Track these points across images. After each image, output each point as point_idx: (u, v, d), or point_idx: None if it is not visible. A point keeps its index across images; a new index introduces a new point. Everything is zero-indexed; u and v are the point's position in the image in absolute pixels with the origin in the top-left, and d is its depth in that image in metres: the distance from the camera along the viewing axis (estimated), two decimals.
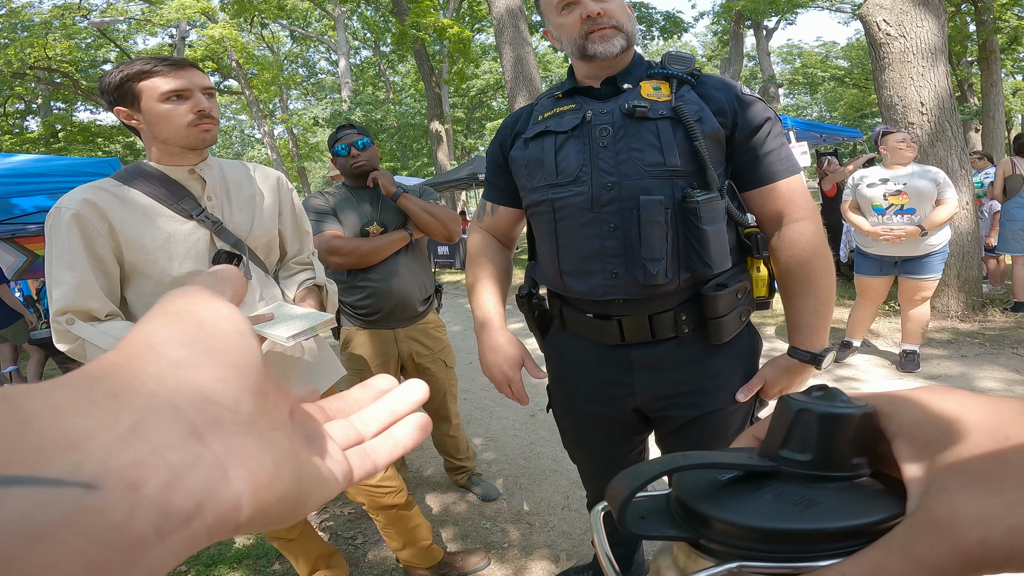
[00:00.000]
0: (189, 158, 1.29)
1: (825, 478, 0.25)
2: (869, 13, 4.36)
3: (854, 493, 0.24)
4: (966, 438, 0.22)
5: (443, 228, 2.06)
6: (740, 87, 1.11)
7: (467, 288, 1.35)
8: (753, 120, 1.08)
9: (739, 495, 0.25)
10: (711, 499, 0.25)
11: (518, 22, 7.31)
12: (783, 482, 0.25)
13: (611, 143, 1.08)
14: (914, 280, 3.28)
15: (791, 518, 0.23)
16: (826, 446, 0.25)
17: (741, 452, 0.28)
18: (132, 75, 1.20)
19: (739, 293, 1.11)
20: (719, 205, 1.04)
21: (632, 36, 1.13)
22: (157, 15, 16.81)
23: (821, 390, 0.27)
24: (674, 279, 1.07)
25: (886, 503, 0.24)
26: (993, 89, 13.78)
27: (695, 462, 0.26)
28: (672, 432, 1.22)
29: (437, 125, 16.40)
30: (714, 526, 0.24)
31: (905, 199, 3.19)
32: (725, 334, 1.10)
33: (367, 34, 23.67)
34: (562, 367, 1.28)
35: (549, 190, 1.14)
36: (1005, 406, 0.23)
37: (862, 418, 0.25)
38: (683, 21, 18.91)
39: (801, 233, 1.09)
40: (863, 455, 0.25)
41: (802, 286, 1.10)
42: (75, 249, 1.17)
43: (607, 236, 1.08)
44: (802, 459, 0.25)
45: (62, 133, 17.96)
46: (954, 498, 0.21)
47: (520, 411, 3.42)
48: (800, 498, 0.24)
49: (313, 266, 1.52)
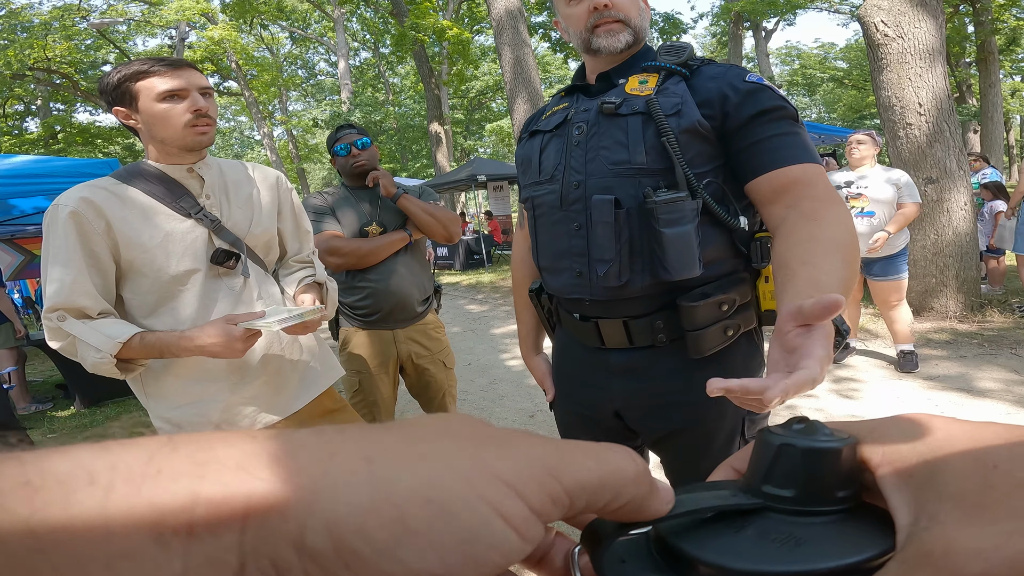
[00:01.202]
0: (187, 157, 1.29)
1: (811, 512, 0.24)
2: (867, 14, 4.37)
3: (841, 528, 0.24)
4: (952, 466, 0.22)
5: (443, 229, 2.06)
6: (745, 74, 1.01)
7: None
8: (754, 107, 0.97)
9: (722, 534, 0.24)
10: (693, 539, 0.24)
11: (517, 23, 7.32)
12: (767, 518, 0.25)
13: (583, 141, 1.07)
14: (882, 282, 3.35)
15: (778, 559, 0.22)
16: (810, 481, 0.24)
17: (722, 489, 0.27)
18: (130, 75, 1.20)
19: (725, 304, 1.02)
20: (684, 206, 0.96)
21: (641, 31, 1.08)
22: (157, 16, 16.84)
23: (802, 422, 0.26)
24: (635, 283, 1.02)
25: (875, 538, 0.23)
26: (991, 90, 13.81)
27: (676, 512, 0.24)
28: (654, 444, 1.18)
29: (436, 126, 16.41)
30: (699, 570, 0.23)
31: (865, 202, 3.25)
32: (705, 348, 1.02)
33: (366, 35, 23.70)
34: (558, 364, 1.29)
35: (532, 188, 1.16)
36: (989, 431, 0.23)
37: (846, 451, 0.24)
38: (682, 22, 18.94)
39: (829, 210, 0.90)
40: (848, 487, 0.25)
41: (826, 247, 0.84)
42: (71, 247, 1.17)
43: (573, 235, 1.07)
44: (786, 495, 0.24)
45: (61, 134, 17.96)
46: (947, 530, 0.20)
47: (519, 412, 3.42)
48: (786, 536, 0.23)
49: (313, 264, 1.53)
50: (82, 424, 4.09)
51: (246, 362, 1.32)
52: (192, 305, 1.27)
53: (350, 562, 0.16)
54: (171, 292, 1.26)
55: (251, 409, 1.34)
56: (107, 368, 1.18)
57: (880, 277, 3.34)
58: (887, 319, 3.50)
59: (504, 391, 3.86)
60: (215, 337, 1.15)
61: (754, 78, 1.00)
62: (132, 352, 1.18)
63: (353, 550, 0.16)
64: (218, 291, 1.30)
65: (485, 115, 26.54)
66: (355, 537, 0.16)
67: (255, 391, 1.34)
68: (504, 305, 7.25)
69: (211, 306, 1.28)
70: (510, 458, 0.20)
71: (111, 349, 1.15)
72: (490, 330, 5.87)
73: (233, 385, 1.31)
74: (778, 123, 0.97)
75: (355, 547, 0.16)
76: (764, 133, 0.97)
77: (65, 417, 4.34)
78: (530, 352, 1.39)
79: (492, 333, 5.71)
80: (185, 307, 1.26)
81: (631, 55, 1.12)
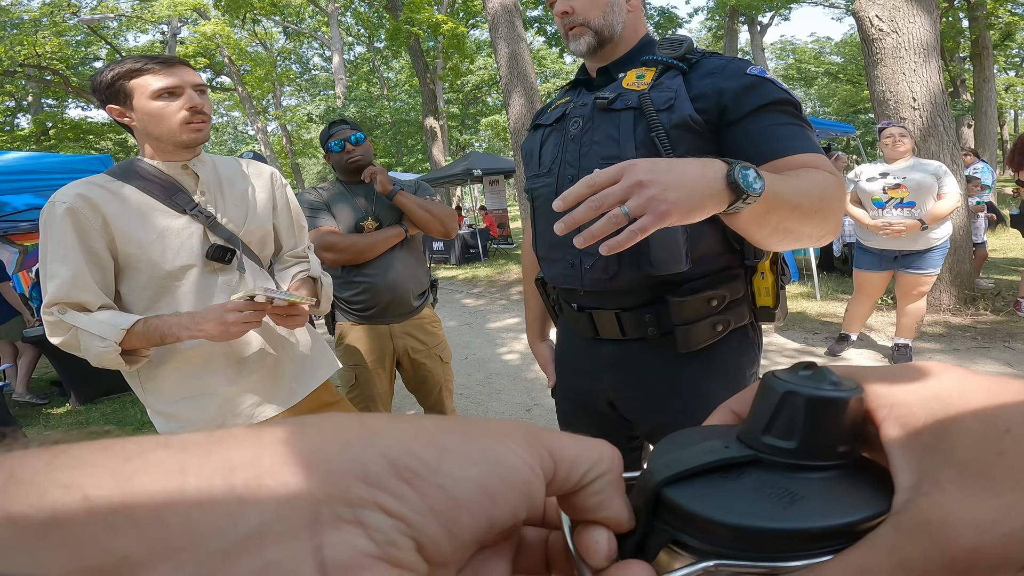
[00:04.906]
0: (182, 154, 1.30)
1: (809, 467, 0.23)
2: (862, 9, 4.37)
3: (839, 485, 0.23)
4: (963, 427, 0.20)
5: (440, 225, 2.06)
6: (747, 67, 1.00)
7: None
8: (753, 101, 0.96)
9: (717, 485, 0.23)
10: (688, 490, 0.23)
11: (513, 18, 7.29)
12: (764, 470, 0.24)
13: (578, 136, 1.08)
14: (913, 275, 3.28)
15: (772, 516, 0.21)
16: (814, 433, 0.23)
17: (717, 439, 0.26)
18: (123, 73, 1.20)
19: (714, 300, 1.03)
20: None
21: (605, 29, 1.08)
22: (148, 12, 16.66)
23: (809, 368, 0.25)
24: (623, 276, 1.03)
25: (872, 498, 0.22)
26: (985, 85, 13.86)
27: (669, 474, 0.24)
28: (649, 436, 1.21)
29: (432, 121, 16.35)
30: (694, 522, 0.22)
31: (904, 192, 3.18)
32: (694, 343, 1.04)
33: (361, 30, 23.58)
34: (559, 352, 1.31)
35: (533, 180, 1.19)
36: (1008, 390, 0.21)
37: (853, 402, 0.23)
38: (677, 17, 18.95)
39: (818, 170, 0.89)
40: (851, 441, 0.24)
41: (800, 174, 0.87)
42: (69, 243, 1.17)
43: None
44: (786, 447, 0.23)
45: (53, 131, 17.83)
46: (948, 498, 0.19)
47: (516, 406, 3.43)
48: (782, 491, 0.23)
49: (308, 259, 1.54)
50: (78, 421, 4.07)
51: (243, 356, 1.32)
52: (188, 301, 1.27)
53: (408, 478, 0.18)
54: (167, 288, 1.26)
55: (249, 403, 1.34)
56: (112, 358, 1.17)
57: (914, 270, 3.25)
58: (901, 310, 3.43)
59: (501, 385, 3.87)
60: (211, 322, 1.16)
61: (756, 70, 0.99)
62: (135, 340, 1.17)
63: (407, 466, 0.18)
64: (214, 286, 1.30)
65: (480, 110, 26.46)
66: (407, 457, 0.18)
67: (252, 385, 1.34)
68: (500, 299, 7.25)
69: (207, 301, 1.29)
70: (502, 423, 0.22)
71: (116, 336, 1.15)
72: (486, 324, 5.87)
73: (231, 379, 1.31)
74: (783, 114, 0.96)
75: (408, 464, 0.18)
76: (769, 122, 0.96)
77: (60, 414, 4.33)
78: (536, 338, 1.43)
79: (488, 327, 5.71)
80: (182, 303, 1.27)
81: (621, 50, 1.12)
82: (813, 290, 5.38)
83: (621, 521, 0.23)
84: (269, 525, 0.16)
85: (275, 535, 0.16)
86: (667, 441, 0.27)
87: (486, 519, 0.19)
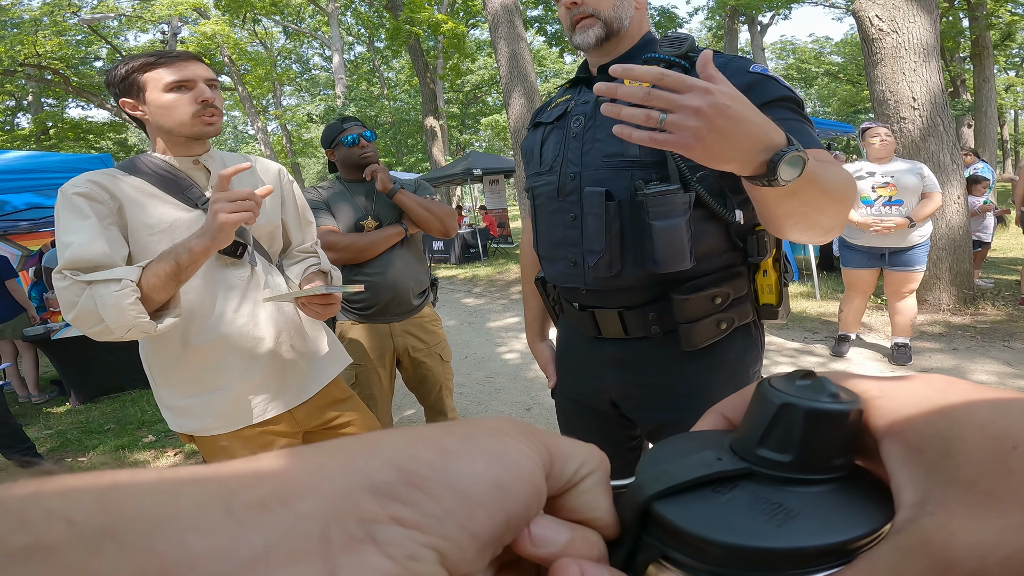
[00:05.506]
0: (193, 148, 1.31)
1: (804, 481, 0.23)
2: (862, 9, 4.38)
3: (834, 499, 0.22)
4: (969, 444, 0.20)
5: (440, 224, 2.06)
6: (749, 64, 0.99)
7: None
8: (756, 99, 0.91)
9: (708, 499, 0.23)
10: (679, 505, 0.22)
11: (513, 17, 7.30)
12: (757, 483, 0.23)
13: (580, 133, 1.08)
14: (901, 272, 3.37)
15: (766, 535, 0.21)
16: (810, 447, 0.22)
17: (709, 449, 0.25)
18: (137, 67, 1.23)
19: (718, 298, 1.02)
20: (675, 199, 0.95)
21: (614, 22, 1.06)
22: (148, 11, 16.66)
23: (807, 377, 0.24)
24: (627, 274, 1.03)
25: (869, 514, 0.21)
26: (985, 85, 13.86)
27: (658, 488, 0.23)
28: (651, 435, 1.20)
29: (432, 121, 16.36)
30: (684, 539, 0.22)
31: (893, 191, 3.27)
32: (697, 341, 1.04)
33: (361, 29, 23.57)
34: (560, 352, 1.31)
35: (533, 178, 1.18)
36: (1014, 405, 0.20)
37: (853, 415, 0.23)
38: (677, 16, 18.99)
39: None
40: (848, 454, 0.23)
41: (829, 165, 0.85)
42: (83, 216, 1.15)
43: (568, 225, 1.09)
44: (781, 460, 0.23)
45: (53, 130, 17.84)
46: (952, 520, 0.18)
47: (515, 405, 3.43)
48: (776, 506, 0.22)
49: (317, 254, 1.55)
50: (78, 420, 4.07)
51: (256, 352, 1.33)
52: (199, 293, 1.27)
53: (417, 483, 0.18)
54: None
55: (261, 398, 1.35)
56: (133, 314, 1.08)
57: (901, 268, 3.36)
58: (892, 309, 3.50)
59: (501, 384, 3.87)
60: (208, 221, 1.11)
61: (759, 68, 0.99)
62: (151, 276, 1.10)
63: (414, 471, 0.18)
64: (225, 280, 1.31)
65: (481, 109, 26.47)
66: (412, 462, 0.18)
67: (265, 380, 1.34)
68: (500, 299, 7.25)
69: (218, 294, 1.29)
70: (497, 420, 0.22)
71: (133, 275, 1.09)
72: (486, 323, 5.87)
73: (244, 375, 1.31)
74: (786, 111, 0.96)
75: (414, 468, 0.18)
76: (772, 119, 0.95)
77: (60, 413, 4.33)
78: (535, 338, 1.42)
79: (488, 327, 5.71)
80: (192, 294, 1.27)
81: (625, 46, 1.11)
82: (813, 289, 5.39)
83: (607, 523, 0.23)
84: (276, 547, 0.15)
85: (283, 558, 0.15)
86: (657, 450, 0.27)
87: (503, 514, 0.19)
